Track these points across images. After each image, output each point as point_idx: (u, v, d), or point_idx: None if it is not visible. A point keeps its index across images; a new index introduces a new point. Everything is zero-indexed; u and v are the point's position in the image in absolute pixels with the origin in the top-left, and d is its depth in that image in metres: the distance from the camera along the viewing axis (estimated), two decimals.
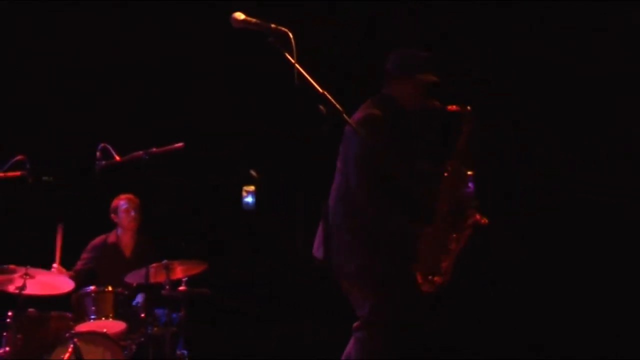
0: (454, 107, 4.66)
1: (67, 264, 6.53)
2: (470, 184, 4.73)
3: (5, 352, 5.75)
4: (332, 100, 4.03)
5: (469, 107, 4.66)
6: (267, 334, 7.28)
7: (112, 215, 6.83)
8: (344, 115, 4.07)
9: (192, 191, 7.49)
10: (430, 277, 4.51)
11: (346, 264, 4.60)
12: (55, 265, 6.26)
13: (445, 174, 4.64)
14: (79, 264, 6.77)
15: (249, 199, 7.16)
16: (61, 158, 6.41)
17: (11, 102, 7.34)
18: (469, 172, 4.72)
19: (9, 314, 5.81)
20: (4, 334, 5.81)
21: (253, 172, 7.13)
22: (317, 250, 4.68)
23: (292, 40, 3.91)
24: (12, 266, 5.80)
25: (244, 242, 7.47)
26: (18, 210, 7.03)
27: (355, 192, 4.61)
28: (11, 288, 5.83)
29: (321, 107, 4.03)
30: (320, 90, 3.97)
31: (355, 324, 4.66)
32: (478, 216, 4.55)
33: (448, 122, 4.74)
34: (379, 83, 4.74)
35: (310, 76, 3.96)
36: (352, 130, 4.50)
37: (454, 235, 4.58)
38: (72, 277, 6.34)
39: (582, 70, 6.62)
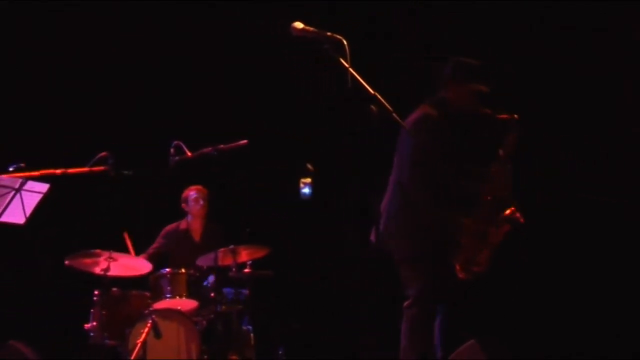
0: (503, 116, 4.91)
1: (143, 248, 6.84)
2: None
3: (92, 326, 6.15)
4: (383, 101, 4.25)
5: (516, 116, 4.90)
6: (320, 311, 7.36)
7: (183, 205, 7.05)
8: (394, 114, 4.30)
9: (256, 183, 7.58)
10: (468, 266, 4.78)
11: (400, 248, 4.91)
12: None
13: (491, 174, 4.89)
14: (153, 248, 6.99)
15: (306, 190, 7.20)
16: (140, 154, 6.51)
17: (98, 103, 7.56)
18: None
19: (95, 292, 6.20)
20: (91, 310, 6.20)
21: (309, 166, 7.25)
22: (374, 236, 4.92)
23: (346, 47, 4.09)
24: (97, 250, 6.15)
25: (302, 229, 7.58)
26: (103, 201, 7.28)
27: (407, 186, 4.89)
28: (97, 270, 6.19)
29: (373, 107, 4.22)
30: (372, 92, 4.20)
31: (405, 303, 4.95)
32: (518, 214, 4.81)
33: (495, 128, 4.92)
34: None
35: (363, 79, 4.16)
36: (407, 131, 4.79)
37: (493, 230, 4.82)
38: (147, 259, 6.60)
39: (581, 70, 6.59)
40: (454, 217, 4.81)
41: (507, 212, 4.81)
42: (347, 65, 4.13)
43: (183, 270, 6.45)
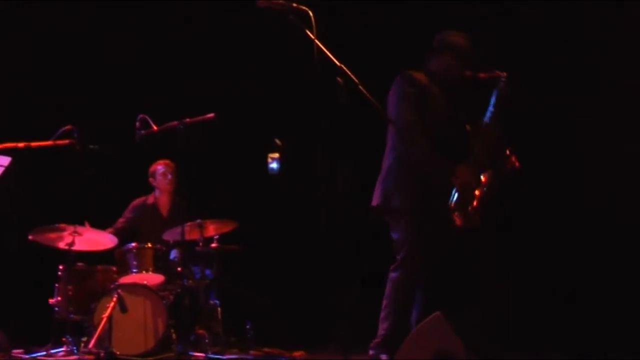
0: (485, 74, 5.04)
1: (110, 222, 6.82)
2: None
3: (57, 301, 6.15)
4: (349, 73, 4.30)
5: (499, 72, 5.02)
6: (288, 285, 7.38)
7: (151, 179, 7.01)
8: (360, 86, 4.32)
9: (223, 157, 7.61)
10: (464, 211, 4.86)
11: (394, 200, 5.01)
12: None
13: (481, 128, 5.00)
14: (120, 222, 6.96)
15: (274, 165, 7.24)
16: (105, 128, 6.53)
17: (62, 78, 7.46)
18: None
19: (60, 267, 6.19)
20: (56, 285, 6.19)
21: (277, 141, 7.26)
22: (374, 200, 5.07)
23: (312, 18, 4.15)
24: (62, 225, 6.11)
25: (269, 204, 7.59)
26: (67, 175, 7.14)
27: (399, 139, 5.00)
28: (61, 244, 6.16)
29: (339, 79, 4.32)
30: (338, 63, 4.26)
31: (391, 266, 5.01)
32: (514, 157, 4.95)
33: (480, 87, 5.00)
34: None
35: (329, 51, 4.21)
36: (392, 87, 4.96)
37: (487, 173, 4.94)
38: (114, 234, 6.55)
39: (581, 69, 6.65)
40: (447, 164, 4.89)
41: (505, 152, 4.95)
42: (312, 36, 4.16)
43: (149, 245, 6.44)
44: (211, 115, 5.95)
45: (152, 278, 6.34)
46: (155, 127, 5.94)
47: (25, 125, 6.47)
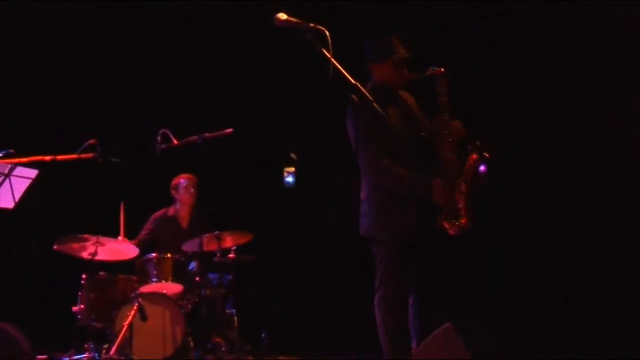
0: (428, 72, 4.82)
1: (131, 233, 6.80)
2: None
3: (80, 308, 6.22)
4: (364, 91, 4.35)
5: (442, 69, 4.82)
6: (304, 296, 7.41)
7: (173, 192, 7.03)
8: (374, 104, 4.39)
9: (240, 171, 7.64)
10: (454, 221, 4.72)
11: (373, 231, 4.86)
12: (120, 237, 6.45)
13: (438, 131, 4.81)
14: (142, 234, 6.97)
15: (290, 179, 7.26)
16: (127, 142, 6.66)
17: (87, 92, 7.57)
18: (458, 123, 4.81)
19: (83, 276, 6.25)
20: (79, 293, 6.25)
21: (293, 155, 7.24)
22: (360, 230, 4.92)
23: (328, 38, 4.12)
24: (86, 235, 6.15)
25: (285, 216, 7.61)
26: (91, 188, 7.20)
27: (369, 171, 4.84)
28: (85, 254, 6.21)
29: (354, 96, 4.38)
30: (353, 81, 4.29)
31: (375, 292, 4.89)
32: (475, 155, 4.73)
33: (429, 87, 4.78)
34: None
35: (344, 69, 4.21)
36: (347, 120, 4.75)
37: (462, 179, 4.75)
38: (136, 245, 6.56)
39: (582, 69, 6.57)
40: (422, 181, 4.76)
41: (472, 157, 4.77)
42: (329, 55, 4.17)
43: (169, 255, 6.48)
44: (229, 130, 5.98)
45: (171, 287, 6.40)
46: (175, 141, 5.99)
47: (50, 138, 6.50)
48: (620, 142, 6.57)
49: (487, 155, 4.73)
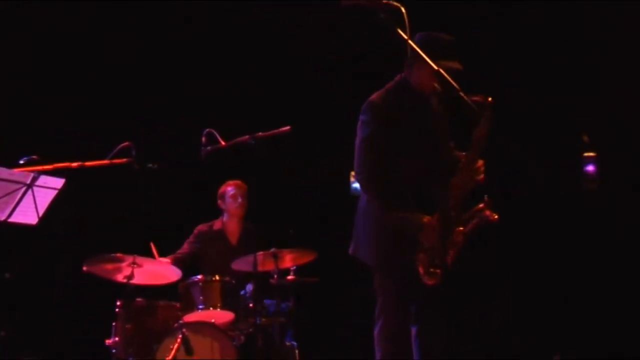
0: (477, 97, 4.44)
1: (170, 251, 6.64)
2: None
3: (114, 341, 5.91)
4: (448, 77, 4.13)
5: (490, 99, 4.44)
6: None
7: (219, 202, 6.80)
8: (460, 92, 4.15)
9: (300, 177, 7.62)
10: (432, 270, 4.50)
11: (362, 253, 4.74)
12: (156, 256, 6.26)
13: (460, 166, 4.56)
14: (182, 252, 6.75)
15: (358, 185, 7.13)
16: (166, 144, 6.55)
17: (118, 91, 7.48)
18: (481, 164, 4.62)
19: (118, 303, 5.96)
20: (114, 323, 5.95)
21: None
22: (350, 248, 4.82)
23: (405, 16, 4.03)
24: (119, 255, 5.87)
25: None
26: (125, 198, 7.20)
27: (360, 184, 4.70)
28: (119, 277, 5.93)
29: (435, 84, 4.33)
30: (436, 67, 4.12)
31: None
32: (488, 212, 4.50)
33: (467, 111, 4.55)
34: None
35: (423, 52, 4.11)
36: (365, 110, 4.57)
37: (461, 229, 4.51)
38: (174, 264, 6.35)
39: (582, 69, 6.76)
40: (413, 216, 4.52)
41: (479, 206, 4.55)
42: (406, 36, 4.09)
43: (217, 278, 6.23)
44: (287, 128, 5.64)
45: (221, 316, 6.14)
46: (223, 143, 5.68)
47: (78, 142, 6.55)
48: (621, 142, 6.82)
49: (495, 218, 4.53)
